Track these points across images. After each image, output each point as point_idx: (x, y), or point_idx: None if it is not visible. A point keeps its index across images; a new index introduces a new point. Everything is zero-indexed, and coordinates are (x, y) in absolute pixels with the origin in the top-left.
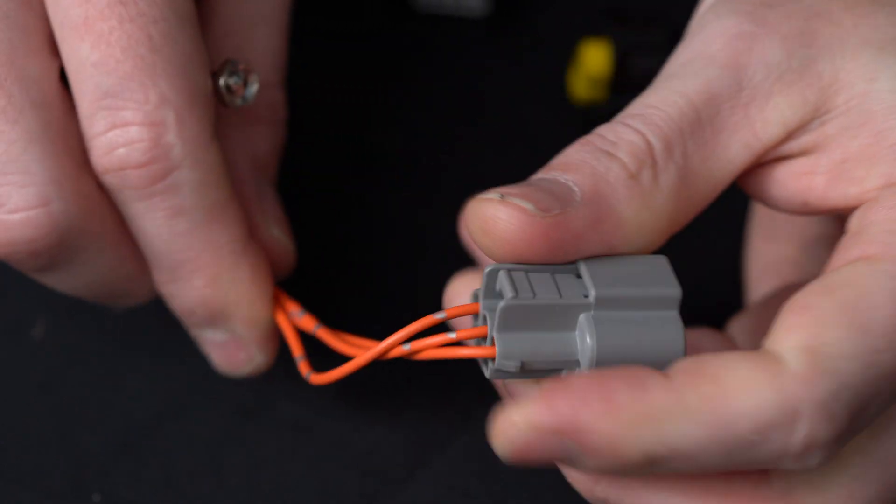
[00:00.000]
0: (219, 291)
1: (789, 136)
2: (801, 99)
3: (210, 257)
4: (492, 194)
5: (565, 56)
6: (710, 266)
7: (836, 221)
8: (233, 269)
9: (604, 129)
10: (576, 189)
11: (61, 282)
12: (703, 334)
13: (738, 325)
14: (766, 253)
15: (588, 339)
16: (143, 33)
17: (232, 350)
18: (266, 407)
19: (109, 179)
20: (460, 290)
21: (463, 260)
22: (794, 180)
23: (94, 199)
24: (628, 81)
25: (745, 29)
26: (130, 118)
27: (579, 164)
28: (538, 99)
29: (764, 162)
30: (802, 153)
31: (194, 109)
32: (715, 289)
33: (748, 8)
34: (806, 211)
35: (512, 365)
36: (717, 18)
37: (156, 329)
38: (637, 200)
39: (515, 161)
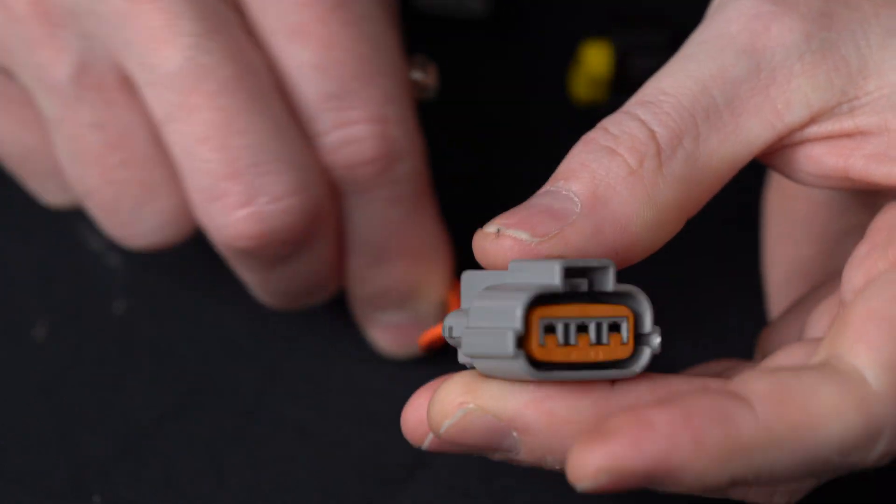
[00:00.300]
0: (418, 273)
1: (814, 118)
2: (826, 82)
3: (416, 241)
4: (490, 227)
5: (566, 56)
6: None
7: (862, 212)
8: (432, 250)
9: (609, 122)
10: (576, 199)
11: (279, 276)
12: (730, 366)
13: (771, 337)
14: (787, 256)
15: None
16: (363, 34)
17: (408, 330)
18: (267, 407)
19: (336, 174)
20: None
21: (462, 259)
22: (832, 159)
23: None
24: (628, 82)
25: (763, 9)
26: (358, 117)
27: (578, 170)
28: (538, 99)
29: (791, 143)
30: (839, 136)
31: (409, 101)
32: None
33: None
34: (846, 186)
35: (445, 329)
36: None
37: (157, 330)
38: (639, 197)
39: (516, 161)
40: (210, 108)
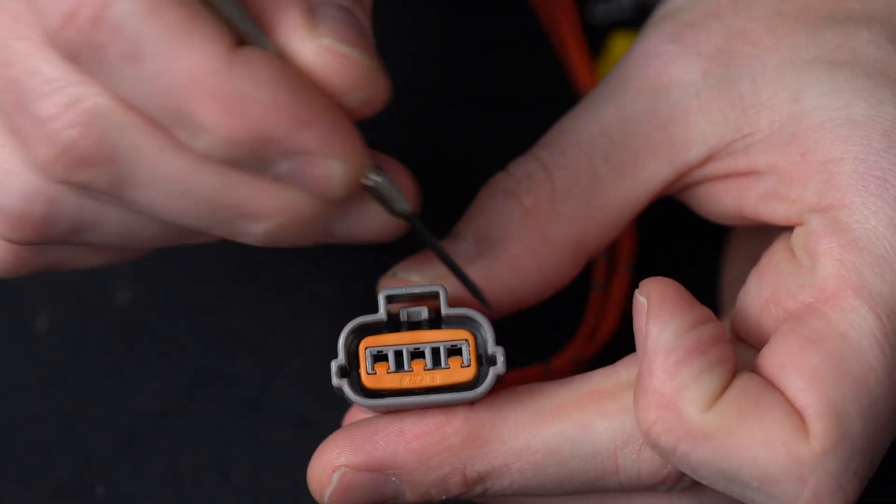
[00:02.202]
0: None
1: (712, 155)
2: (721, 119)
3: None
4: (390, 272)
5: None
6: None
7: None
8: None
9: (513, 164)
10: (471, 240)
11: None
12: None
13: None
14: (743, 271)
15: None
16: None
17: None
18: (271, 401)
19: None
20: None
21: None
22: (728, 198)
23: None
24: None
25: (662, 49)
26: None
27: (477, 213)
28: (543, 98)
29: (693, 181)
30: (734, 175)
31: None
32: None
33: (670, 28)
34: (745, 222)
35: None
36: (640, 41)
37: (160, 321)
38: (531, 236)
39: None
40: None
